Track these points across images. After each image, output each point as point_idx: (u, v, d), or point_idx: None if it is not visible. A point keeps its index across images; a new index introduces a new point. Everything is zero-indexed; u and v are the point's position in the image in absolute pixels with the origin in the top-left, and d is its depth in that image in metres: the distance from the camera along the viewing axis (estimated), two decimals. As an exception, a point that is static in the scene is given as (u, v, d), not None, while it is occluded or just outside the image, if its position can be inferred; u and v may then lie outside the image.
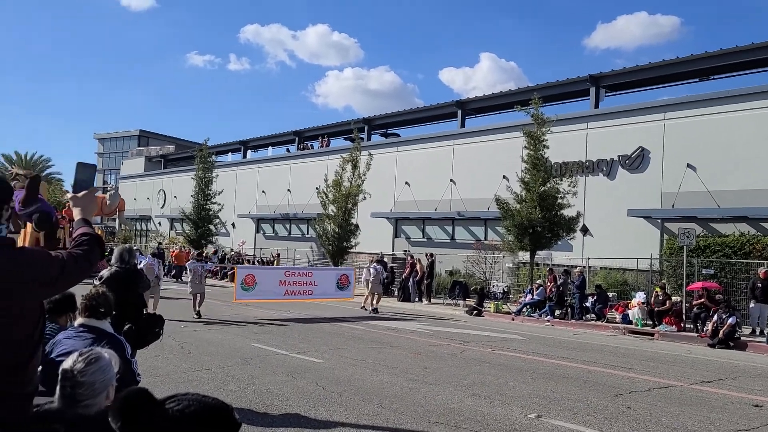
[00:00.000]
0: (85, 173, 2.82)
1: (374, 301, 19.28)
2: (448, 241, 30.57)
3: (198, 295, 15.74)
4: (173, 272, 31.40)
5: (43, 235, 7.32)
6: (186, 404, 1.94)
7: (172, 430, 1.89)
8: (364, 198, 26.99)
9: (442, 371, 9.72)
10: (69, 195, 2.73)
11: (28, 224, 7.37)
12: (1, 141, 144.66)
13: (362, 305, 19.37)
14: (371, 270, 19.59)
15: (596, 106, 27.08)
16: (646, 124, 23.75)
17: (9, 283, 2.18)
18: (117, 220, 10.43)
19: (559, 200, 20.66)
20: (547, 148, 21.10)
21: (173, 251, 34.20)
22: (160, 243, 37.03)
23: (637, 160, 23.78)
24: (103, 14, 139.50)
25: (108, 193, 9.79)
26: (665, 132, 23.12)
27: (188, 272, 16.22)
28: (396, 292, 25.32)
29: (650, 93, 32.89)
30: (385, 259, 27.15)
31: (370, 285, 19.52)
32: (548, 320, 18.59)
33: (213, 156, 40.14)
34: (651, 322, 17.17)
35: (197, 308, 15.54)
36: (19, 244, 7.45)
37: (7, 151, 71.87)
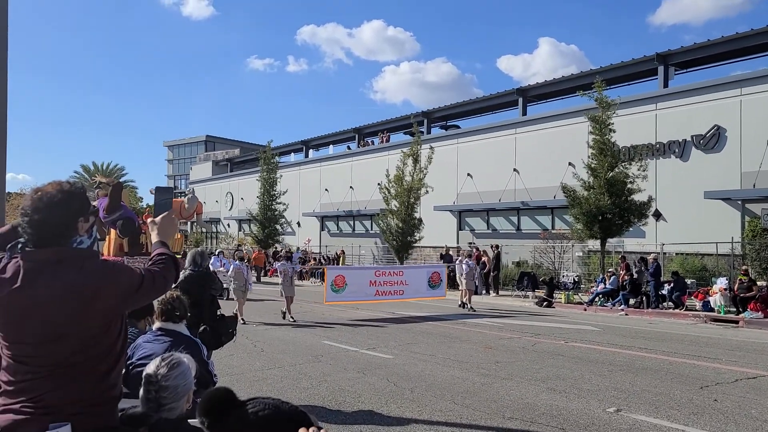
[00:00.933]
0: (163, 197, 2.89)
1: (465, 295, 18.58)
2: (514, 231, 30.06)
3: (290, 297, 15.24)
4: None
5: (127, 240, 7.52)
6: (261, 407, 1.97)
7: None
8: (426, 192, 26.87)
9: (515, 365, 9.54)
10: (149, 219, 2.81)
11: (112, 231, 7.66)
12: (80, 153, 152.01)
13: (459, 303, 18.75)
14: (463, 266, 18.74)
15: (665, 85, 25.98)
16: (720, 101, 22.59)
17: (91, 294, 2.23)
18: (195, 222, 10.77)
19: (629, 185, 19.97)
20: (614, 132, 20.41)
21: (254, 253, 34.58)
22: (239, 245, 37.60)
23: (713, 140, 22.66)
24: (167, 26, 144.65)
25: (186, 197, 10.03)
26: (742, 108, 21.92)
27: (278, 274, 15.92)
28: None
29: (723, 69, 31.25)
30: (454, 252, 26.95)
31: (463, 281, 18.70)
32: (622, 309, 17.99)
33: (276, 157, 40.90)
34: (735, 309, 16.34)
35: (289, 311, 15.09)
36: (104, 250, 7.74)
37: (86, 162, 75.50)
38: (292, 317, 14.93)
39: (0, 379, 2.30)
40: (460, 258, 19.87)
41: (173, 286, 2.66)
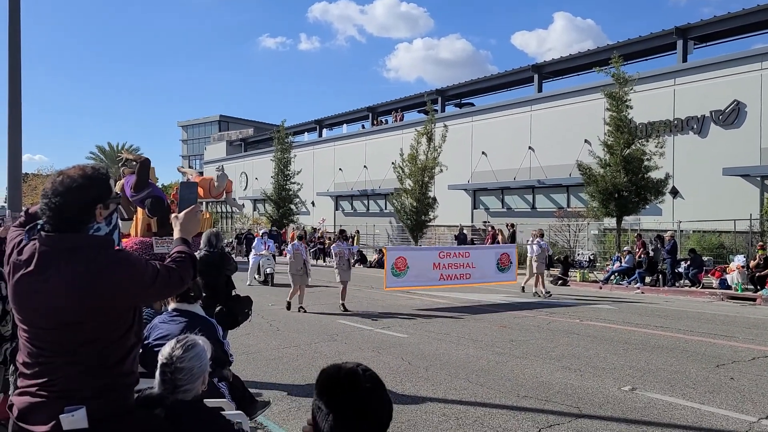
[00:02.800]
0: (187, 192, 2.86)
1: (538, 283, 16.42)
2: (529, 210, 29.92)
3: (346, 283, 13.52)
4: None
5: (156, 220, 7.08)
6: (364, 368, 1.83)
7: (370, 397, 1.78)
8: (441, 170, 26.77)
9: (530, 344, 9.55)
10: (172, 215, 2.75)
11: (140, 210, 7.35)
12: (96, 134, 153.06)
13: (534, 291, 16.50)
14: (534, 247, 16.51)
15: (684, 60, 25.54)
16: (740, 75, 22.17)
17: (105, 283, 2.22)
18: (225, 201, 10.17)
19: (646, 162, 19.73)
20: (631, 108, 20.12)
21: (291, 233, 32.44)
22: (272, 225, 36.78)
23: (732, 115, 22.28)
24: (179, 5, 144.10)
25: (216, 174, 9.66)
26: (763, 82, 21.49)
27: (333, 256, 13.80)
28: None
29: (743, 42, 30.61)
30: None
31: (534, 264, 16.42)
32: (638, 287, 17.89)
33: (290, 137, 40.89)
34: (752, 287, 16.18)
35: (343, 300, 13.42)
36: (131, 231, 7.55)
37: (101, 143, 75.96)
38: (342, 305, 13.28)
39: (19, 360, 2.33)
40: (531, 238, 17.33)
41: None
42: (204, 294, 4.74)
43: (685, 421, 5.81)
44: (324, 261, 30.18)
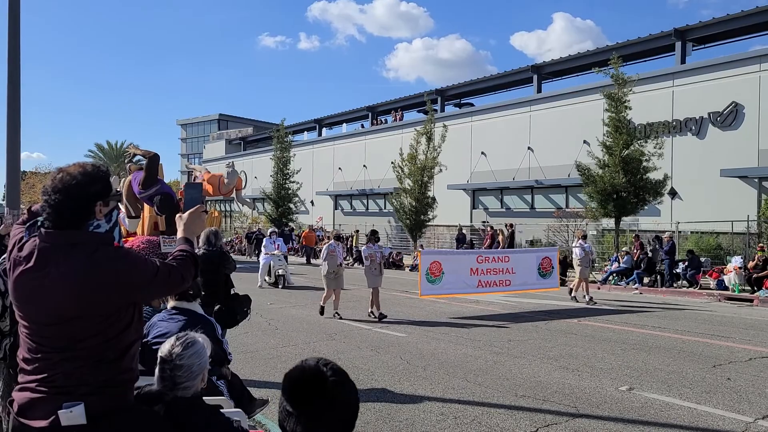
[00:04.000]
0: (192, 192, 2.86)
1: (579, 287, 15.24)
2: (528, 210, 29.95)
3: (377, 289, 12.18)
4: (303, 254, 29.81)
5: (164, 219, 6.83)
6: (325, 362, 1.81)
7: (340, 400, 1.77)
8: (440, 170, 26.79)
9: (527, 343, 9.57)
10: (177, 215, 2.74)
11: (147, 207, 7.10)
12: (94, 132, 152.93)
13: (572, 294, 15.38)
14: (576, 250, 15.42)
15: (682, 61, 25.57)
16: (739, 77, 22.20)
17: (104, 280, 2.24)
18: (235, 199, 9.41)
19: (644, 163, 19.76)
20: (630, 109, 20.15)
21: (304, 231, 32.23)
22: (288, 222, 36.24)
23: (730, 117, 22.32)
24: (178, 4, 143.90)
25: (226, 170, 9.29)
26: (761, 84, 21.53)
27: (365, 259, 12.43)
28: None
29: (742, 44, 30.66)
30: (464, 232, 26.87)
31: (577, 268, 15.40)
32: (636, 288, 17.92)
33: (289, 136, 40.88)
34: (749, 288, 16.22)
35: (376, 308, 12.05)
36: (138, 229, 7.41)
37: (100, 141, 75.91)
38: (376, 313, 11.99)
39: (19, 356, 2.35)
40: (575, 241, 16.14)
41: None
42: (203, 293, 4.75)
43: (681, 421, 5.83)
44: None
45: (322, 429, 1.72)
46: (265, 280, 18.26)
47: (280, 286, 17.79)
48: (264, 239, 20.31)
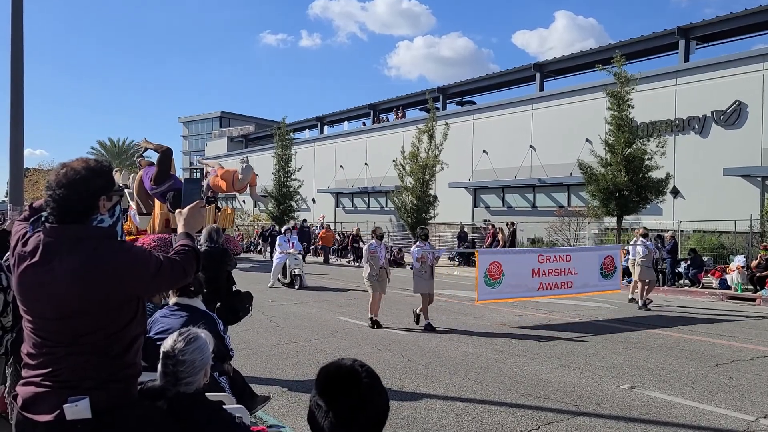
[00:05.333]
0: (191, 187, 2.87)
1: (635, 289, 14.43)
2: (529, 208, 29.93)
3: (427, 296, 10.87)
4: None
5: (175, 215, 7.08)
6: (361, 364, 1.83)
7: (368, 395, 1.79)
8: (442, 168, 26.77)
9: (529, 342, 9.57)
10: (177, 210, 2.75)
11: (157, 203, 7.06)
12: (97, 129, 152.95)
13: (630, 295, 14.76)
14: (639, 248, 14.33)
15: (686, 60, 25.51)
16: (742, 75, 22.15)
17: (108, 273, 2.24)
18: (250, 196, 8.88)
19: (647, 162, 19.71)
20: (632, 107, 20.10)
21: (321, 231, 30.68)
22: (305, 220, 35.52)
23: (733, 115, 22.27)
24: (178, 1, 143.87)
25: (240, 166, 9.04)
26: (765, 83, 21.48)
27: (415, 261, 10.95)
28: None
29: (745, 42, 30.60)
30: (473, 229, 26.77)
31: (637, 268, 14.30)
32: (638, 287, 17.84)
33: (291, 133, 40.85)
34: (752, 287, 16.20)
35: (424, 316, 10.80)
36: (149, 227, 7.41)
37: (102, 138, 76.00)
38: (423, 322, 10.74)
39: (23, 351, 2.36)
40: (635, 238, 15.16)
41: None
42: (205, 289, 4.76)
43: (683, 419, 5.83)
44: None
45: (349, 428, 1.74)
46: (278, 280, 17.07)
47: (296, 287, 16.58)
48: (278, 237, 18.85)
